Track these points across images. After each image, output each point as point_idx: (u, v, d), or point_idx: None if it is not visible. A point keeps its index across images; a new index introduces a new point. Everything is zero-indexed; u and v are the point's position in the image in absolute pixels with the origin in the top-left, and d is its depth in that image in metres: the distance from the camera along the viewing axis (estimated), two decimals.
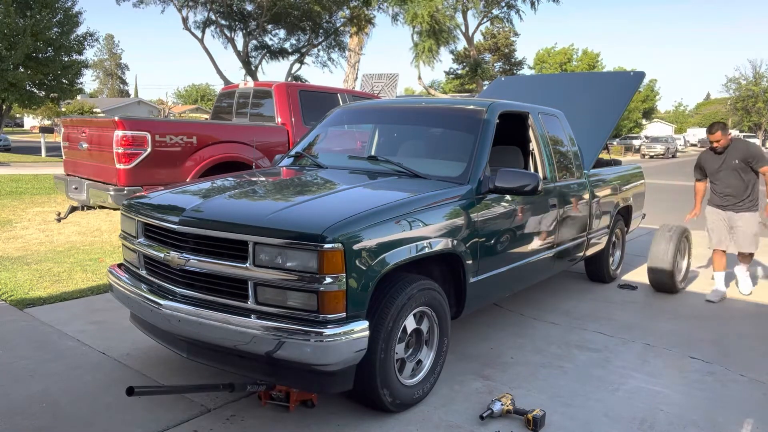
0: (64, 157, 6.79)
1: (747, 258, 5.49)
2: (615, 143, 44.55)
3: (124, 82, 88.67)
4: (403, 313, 2.87)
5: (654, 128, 65.32)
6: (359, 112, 4.85)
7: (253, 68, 24.61)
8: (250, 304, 2.68)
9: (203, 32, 23.49)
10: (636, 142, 45.32)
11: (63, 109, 36.66)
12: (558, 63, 52.03)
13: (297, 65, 25.54)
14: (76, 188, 6.22)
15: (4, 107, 24.09)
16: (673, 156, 41.52)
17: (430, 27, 24.57)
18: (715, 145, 5.17)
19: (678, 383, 3.53)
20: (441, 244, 3.12)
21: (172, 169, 5.82)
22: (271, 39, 25.49)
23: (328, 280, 2.52)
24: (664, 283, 5.40)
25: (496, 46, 49.33)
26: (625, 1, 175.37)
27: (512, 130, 4.40)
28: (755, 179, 5.22)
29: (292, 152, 4.47)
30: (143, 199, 3.36)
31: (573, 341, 4.20)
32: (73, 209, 6.68)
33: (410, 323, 3.02)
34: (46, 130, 41.44)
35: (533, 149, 4.40)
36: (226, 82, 22.04)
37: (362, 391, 2.87)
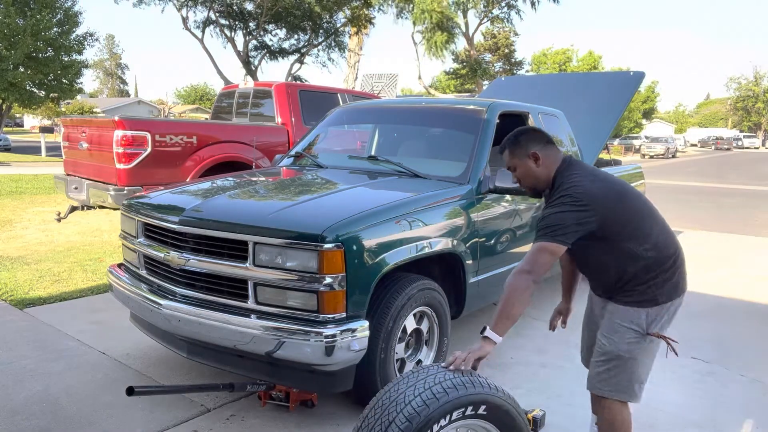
0: (64, 157, 6.78)
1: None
2: (615, 143, 44.56)
3: (124, 82, 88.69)
4: (403, 313, 2.87)
5: (654, 128, 65.31)
6: (359, 112, 4.85)
7: (253, 68, 24.61)
8: (250, 304, 2.68)
9: (203, 32, 23.50)
10: (636, 142, 45.33)
11: (63, 109, 36.66)
12: (557, 63, 52.03)
13: (297, 65, 25.57)
14: (76, 188, 6.22)
15: (4, 107, 24.10)
16: (673, 156, 41.53)
17: (439, 21, 24.64)
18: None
19: (678, 383, 3.53)
20: (441, 244, 3.12)
21: (172, 169, 5.81)
22: (271, 39, 25.51)
23: (328, 280, 2.53)
24: None
25: (496, 46, 49.34)
26: (626, 1, 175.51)
27: (512, 130, 4.39)
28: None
29: (292, 152, 4.47)
30: (143, 198, 3.36)
31: (573, 341, 4.19)
32: (73, 209, 6.68)
33: (410, 323, 3.02)
34: (46, 129, 41.48)
35: None
36: (226, 82, 22.04)
37: (362, 391, 2.87)
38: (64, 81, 23.76)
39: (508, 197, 3.72)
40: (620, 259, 2.14)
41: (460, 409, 1.80)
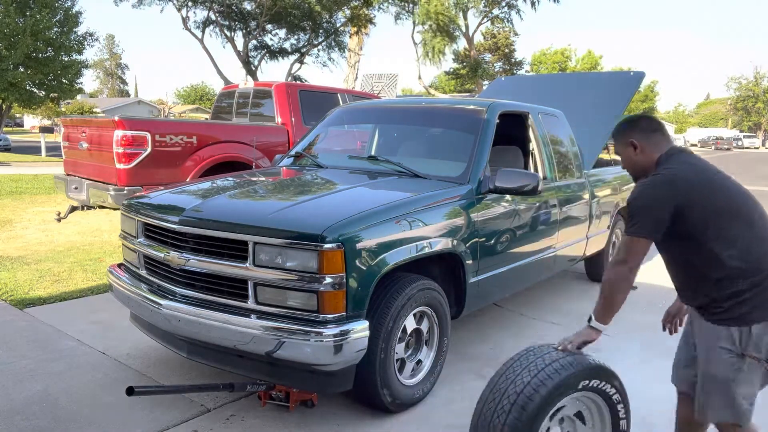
0: (64, 156, 6.78)
1: None
2: None
3: (124, 82, 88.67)
4: (403, 313, 2.87)
5: None
6: (359, 112, 4.85)
7: (253, 68, 24.61)
8: (250, 304, 2.68)
9: (203, 32, 23.51)
10: None
11: (63, 109, 36.66)
12: (556, 63, 52.03)
13: (297, 65, 25.57)
14: (76, 188, 6.22)
15: (4, 107, 24.11)
16: None
17: (441, 25, 24.71)
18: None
19: None
20: (441, 244, 3.11)
21: (172, 169, 5.81)
22: (271, 39, 25.52)
23: (328, 279, 2.53)
24: None
25: (496, 46, 49.33)
26: (626, 1, 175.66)
27: (512, 130, 4.40)
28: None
29: (292, 152, 4.47)
30: (143, 198, 3.36)
31: None
32: (73, 209, 6.67)
33: (410, 323, 3.02)
34: (46, 129, 41.49)
35: (533, 149, 4.40)
36: (226, 82, 22.04)
37: (362, 391, 2.87)
38: (64, 81, 23.77)
39: (508, 197, 3.71)
40: (703, 263, 2.02)
41: (596, 380, 2.09)
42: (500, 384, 2.08)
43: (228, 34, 23.79)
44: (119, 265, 3.54)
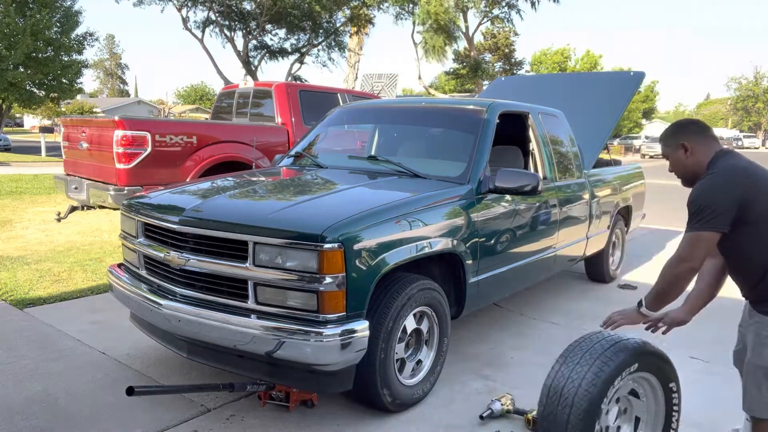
0: (64, 156, 6.78)
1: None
2: (615, 143, 44.55)
3: (124, 82, 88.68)
4: (403, 313, 2.87)
5: (654, 128, 65.24)
6: (359, 112, 4.85)
7: (253, 68, 24.62)
8: (250, 303, 2.68)
9: (203, 32, 23.52)
10: (636, 142, 45.35)
11: (63, 109, 36.67)
12: (556, 63, 52.02)
13: (297, 65, 25.59)
14: (76, 188, 6.22)
15: (4, 107, 24.12)
16: None
17: (441, 25, 24.78)
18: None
19: None
20: (441, 244, 3.11)
21: (172, 169, 5.81)
22: (271, 39, 25.54)
23: (328, 279, 2.53)
24: None
25: (496, 46, 49.28)
26: (626, 1, 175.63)
27: (512, 130, 4.40)
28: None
29: (292, 152, 4.47)
30: (143, 198, 3.36)
31: None
32: (73, 209, 6.68)
33: (410, 323, 3.02)
34: (46, 129, 41.51)
35: (533, 149, 4.40)
36: (226, 82, 22.04)
37: (362, 391, 2.87)
38: (64, 81, 23.78)
39: (508, 197, 3.71)
40: (765, 249, 2.06)
41: (665, 375, 2.32)
42: (563, 370, 2.22)
43: (228, 34, 23.81)
44: (119, 265, 3.54)
